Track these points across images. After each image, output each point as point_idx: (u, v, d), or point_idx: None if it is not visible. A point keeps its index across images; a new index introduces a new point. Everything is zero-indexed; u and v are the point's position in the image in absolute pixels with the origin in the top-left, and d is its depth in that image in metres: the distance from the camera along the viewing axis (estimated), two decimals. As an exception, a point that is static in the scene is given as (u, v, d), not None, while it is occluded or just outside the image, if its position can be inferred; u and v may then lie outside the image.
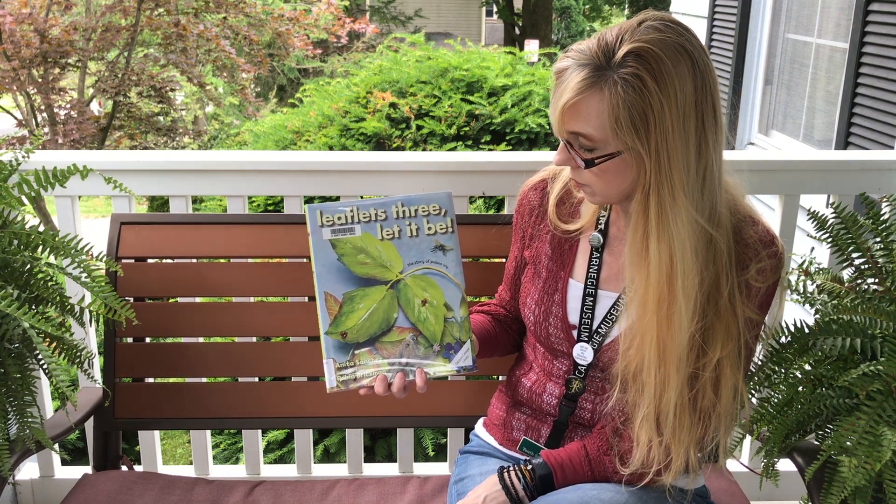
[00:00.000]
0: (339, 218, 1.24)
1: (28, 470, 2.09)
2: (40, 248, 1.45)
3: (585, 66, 1.14)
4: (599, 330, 1.32)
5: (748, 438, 2.03)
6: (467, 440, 1.54)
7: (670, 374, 1.19)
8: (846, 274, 1.45)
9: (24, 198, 1.49)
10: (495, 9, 17.27)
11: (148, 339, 1.77)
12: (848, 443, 1.20)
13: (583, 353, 1.33)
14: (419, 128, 3.61)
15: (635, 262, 1.20)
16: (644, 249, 1.18)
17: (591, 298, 1.33)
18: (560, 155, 1.22)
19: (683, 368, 1.19)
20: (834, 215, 1.44)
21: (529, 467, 1.29)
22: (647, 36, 1.12)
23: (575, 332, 1.34)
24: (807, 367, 1.33)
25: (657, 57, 1.11)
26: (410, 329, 1.25)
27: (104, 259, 1.57)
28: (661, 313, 1.18)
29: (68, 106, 5.45)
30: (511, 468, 1.30)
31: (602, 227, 1.35)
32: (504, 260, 1.64)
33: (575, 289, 1.35)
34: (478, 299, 1.73)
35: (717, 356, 1.20)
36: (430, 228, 1.26)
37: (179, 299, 1.79)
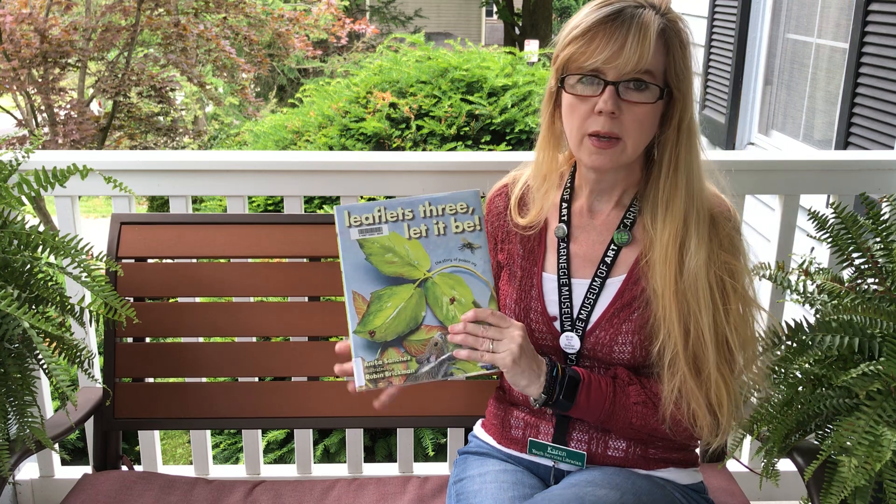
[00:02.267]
0: (367, 218, 1.25)
1: (28, 470, 2.09)
2: (40, 248, 1.45)
3: (642, 7, 1.23)
4: (580, 316, 1.34)
5: (748, 438, 2.03)
6: (467, 441, 1.54)
7: (694, 311, 1.24)
8: (846, 274, 1.45)
9: (24, 198, 1.49)
10: (495, 9, 17.26)
11: (148, 339, 1.77)
12: (848, 443, 1.20)
13: (570, 342, 1.34)
14: (419, 128, 3.61)
15: (663, 202, 1.28)
16: (675, 187, 1.27)
17: (567, 288, 1.35)
18: (611, 100, 1.23)
19: (707, 307, 1.24)
20: (834, 215, 1.44)
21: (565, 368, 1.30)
22: None
23: (556, 324, 1.36)
24: (806, 366, 1.33)
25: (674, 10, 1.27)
26: (439, 327, 1.25)
27: (104, 259, 1.57)
28: (677, 247, 1.26)
29: (68, 106, 5.45)
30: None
31: (565, 218, 1.39)
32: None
33: (549, 282, 1.38)
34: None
35: (744, 286, 1.28)
36: (457, 227, 1.27)
37: (179, 299, 1.79)
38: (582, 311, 1.34)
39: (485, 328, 1.22)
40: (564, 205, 1.39)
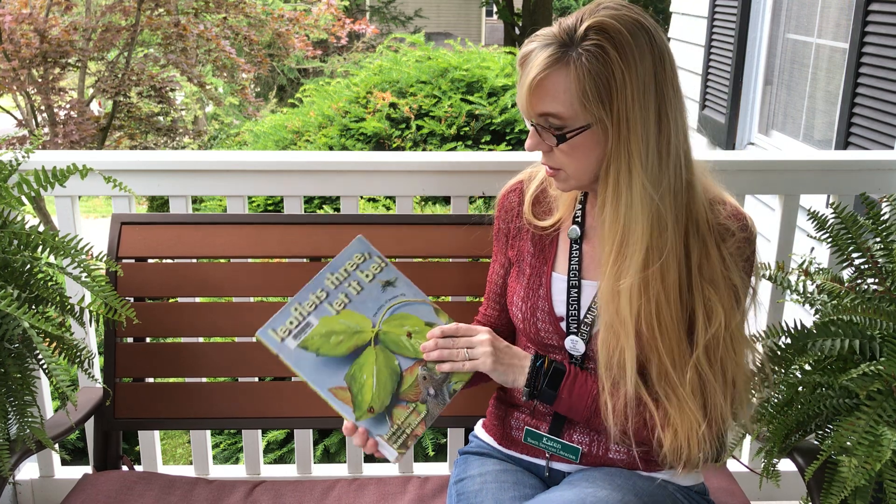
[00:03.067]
0: (291, 322, 1.26)
1: (28, 470, 2.09)
2: (40, 248, 1.45)
3: (550, 45, 1.19)
4: (586, 319, 1.33)
5: (748, 438, 2.03)
6: (467, 441, 1.54)
7: (624, 341, 1.23)
8: (846, 274, 1.45)
9: (24, 198, 1.49)
10: (495, 9, 17.25)
11: (148, 339, 1.77)
12: (848, 443, 1.20)
13: (575, 345, 1.34)
14: (419, 128, 3.61)
15: (599, 234, 1.27)
16: (601, 212, 1.24)
17: (576, 290, 1.35)
18: (531, 140, 1.25)
19: (629, 335, 1.22)
20: (834, 215, 1.44)
21: (551, 359, 1.31)
22: (605, 13, 1.18)
23: (563, 324, 1.35)
24: (806, 367, 1.33)
25: (616, 29, 1.17)
26: (416, 363, 1.28)
27: (104, 259, 1.57)
28: (613, 282, 1.23)
29: (68, 106, 5.45)
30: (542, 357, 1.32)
31: (579, 219, 1.38)
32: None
33: (559, 281, 1.37)
34: (477, 299, 1.73)
35: (725, 324, 1.23)
36: (367, 276, 1.30)
37: (179, 299, 1.79)
38: (588, 316, 1.33)
39: (454, 340, 1.28)
40: (579, 206, 1.39)
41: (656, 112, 1.19)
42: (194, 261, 1.77)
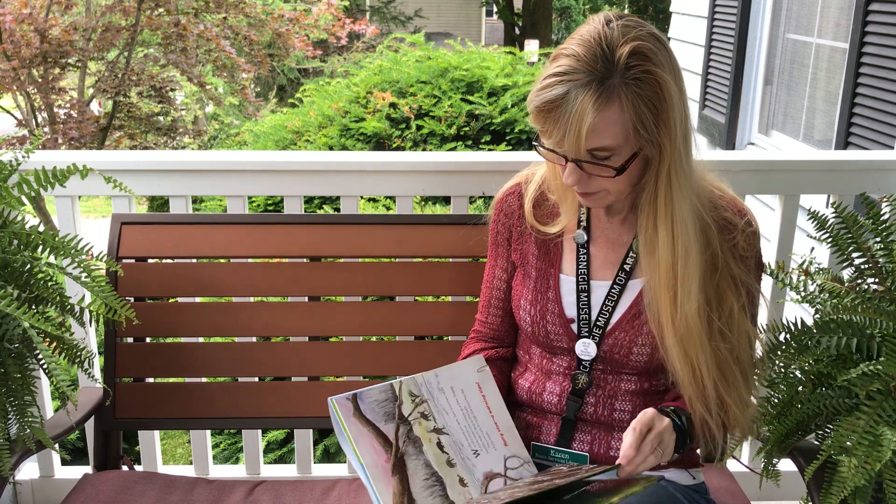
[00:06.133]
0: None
1: (28, 470, 2.09)
2: (40, 248, 1.45)
3: (589, 83, 1.13)
4: (598, 322, 1.33)
5: (748, 438, 2.03)
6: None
7: (696, 352, 1.23)
8: (846, 274, 1.45)
9: (24, 198, 1.49)
10: (495, 9, 17.26)
11: (148, 339, 1.77)
12: (848, 443, 1.20)
13: (586, 349, 1.33)
14: (419, 128, 3.61)
15: (646, 251, 1.25)
16: (654, 236, 1.23)
17: (585, 294, 1.34)
18: (573, 175, 1.21)
19: (703, 344, 1.23)
20: (834, 215, 1.44)
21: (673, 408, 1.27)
22: (631, 34, 1.16)
23: (574, 326, 1.34)
24: (806, 366, 1.33)
25: (651, 49, 1.15)
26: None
27: (104, 259, 1.57)
28: (671, 296, 1.23)
29: (68, 106, 5.45)
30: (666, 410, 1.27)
31: (584, 223, 1.37)
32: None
33: (567, 283, 1.36)
34: (472, 299, 1.73)
35: (733, 307, 1.25)
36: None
37: (179, 299, 1.79)
38: (600, 318, 1.33)
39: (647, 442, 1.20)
40: (583, 209, 1.37)
41: (683, 116, 1.19)
42: (194, 261, 1.77)
